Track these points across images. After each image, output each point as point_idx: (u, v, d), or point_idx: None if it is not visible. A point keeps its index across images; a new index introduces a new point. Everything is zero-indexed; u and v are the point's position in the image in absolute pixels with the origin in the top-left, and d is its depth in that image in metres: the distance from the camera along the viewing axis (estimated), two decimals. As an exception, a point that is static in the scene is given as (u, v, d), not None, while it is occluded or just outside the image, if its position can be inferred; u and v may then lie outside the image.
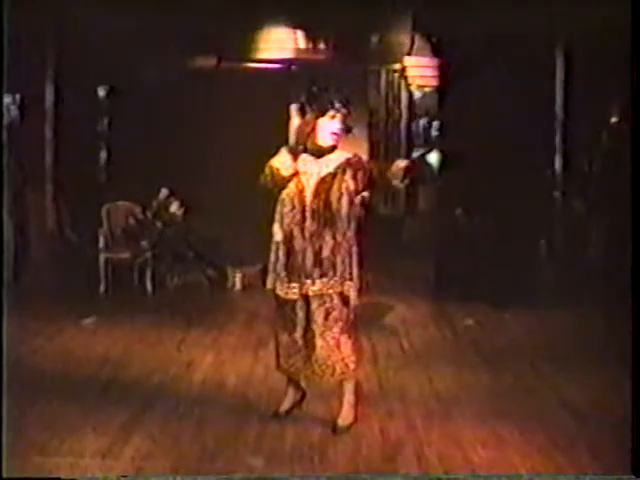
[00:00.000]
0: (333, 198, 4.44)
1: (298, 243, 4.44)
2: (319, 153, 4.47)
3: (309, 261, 4.43)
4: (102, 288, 8.89)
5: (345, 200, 4.46)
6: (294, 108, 4.51)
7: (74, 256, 9.21)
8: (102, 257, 8.97)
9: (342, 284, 4.44)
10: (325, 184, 4.45)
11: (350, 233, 4.49)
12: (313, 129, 4.44)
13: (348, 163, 4.48)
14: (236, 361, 5.99)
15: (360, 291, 4.51)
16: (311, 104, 4.43)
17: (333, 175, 4.46)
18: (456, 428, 4.59)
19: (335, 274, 4.43)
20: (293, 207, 4.44)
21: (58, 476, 3.85)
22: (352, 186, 4.47)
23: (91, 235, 9.20)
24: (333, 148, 4.49)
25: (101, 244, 9.06)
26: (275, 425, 4.61)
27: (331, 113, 4.42)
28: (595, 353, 6.25)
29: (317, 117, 4.43)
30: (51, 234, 9.58)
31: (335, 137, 4.45)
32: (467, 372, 5.81)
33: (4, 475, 3.80)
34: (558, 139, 9.88)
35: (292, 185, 4.45)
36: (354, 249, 4.50)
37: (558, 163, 9.87)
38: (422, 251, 9.47)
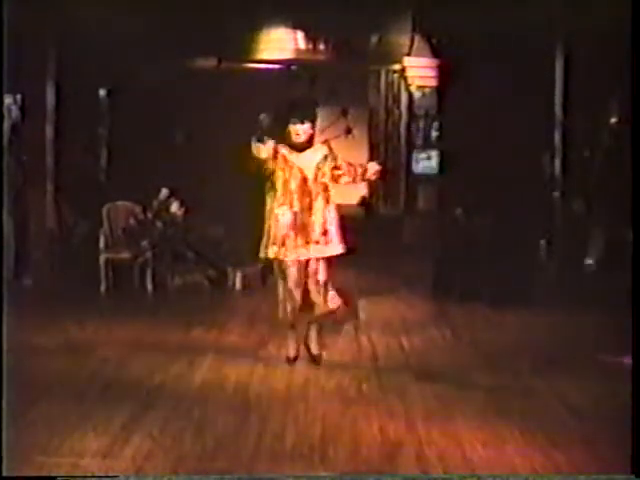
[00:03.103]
0: (328, 181, 5.96)
1: (306, 218, 5.84)
2: (299, 148, 5.89)
3: (318, 231, 5.86)
4: (102, 288, 8.89)
5: (333, 183, 6.00)
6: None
7: (74, 256, 9.21)
8: (102, 257, 8.97)
9: (336, 247, 5.94)
10: (320, 171, 5.92)
11: (335, 206, 6.01)
12: (288, 132, 5.88)
13: (329, 153, 5.98)
14: (236, 361, 6.00)
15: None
16: (280, 117, 5.89)
17: (323, 164, 5.94)
18: (456, 428, 4.59)
19: (333, 239, 5.91)
20: (302, 192, 5.85)
21: (59, 475, 3.86)
22: (332, 171, 5.97)
23: (91, 235, 9.21)
24: (310, 144, 5.94)
25: (101, 244, 9.06)
26: (275, 425, 4.62)
27: (294, 121, 5.85)
28: (595, 353, 6.25)
29: (287, 124, 5.88)
30: (51, 234, 9.58)
31: (297, 136, 5.87)
32: (467, 372, 5.82)
33: (4, 475, 3.81)
34: (558, 139, 9.88)
35: (296, 173, 5.86)
36: (338, 219, 5.99)
37: (558, 163, 9.87)
38: (422, 251, 9.48)
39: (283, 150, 5.88)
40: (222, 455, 4.19)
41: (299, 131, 5.86)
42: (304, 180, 5.87)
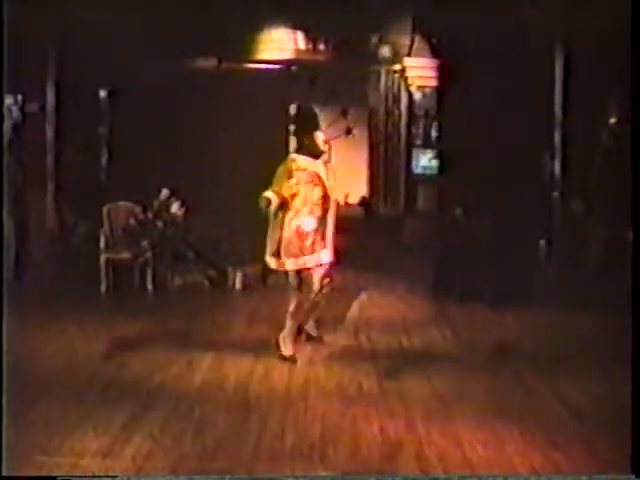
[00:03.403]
0: (335, 190, 6.18)
1: (323, 224, 6.01)
2: (318, 155, 6.11)
3: (330, 233, 6.06)
4: (103, 288, 8.89)
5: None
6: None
7: (74, 256, 9.22)
8: (103, 257, 8.97)
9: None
10: (329, 176, 6.10)
11: None
12: (314, 141, 6.10)
13: (326, 160, 6.21)
14: (236, 361, 6.00)
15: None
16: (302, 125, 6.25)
17: (328, 169, 6.14)
18: (456, 428, 4.59)
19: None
20: (323, 199, 5.98)
21: (59, 475, 3.86)
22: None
23: (92, 235, 9.21)
24: (322, 151, 6.14)
25: (102, 244, 9.06)
26: (275, 425, 4.63)
27: (321, 127, 6.27)
28: (595, 353, 6.26)
29: (312, 132, 6.13)
30: (51, 234, 9.58)
31: (323, 143, 6.13)
32: (467, 372, 5.82)
33: (4, 475, 3.81)
34: (558, 139, 9.87)
35: (317, 182, 5.96)
36: None
37: (558, 163, 9.87)
38: (422, 251, 9.48)
39: (301, 163, 5.99)
40: (222, 455, 4.20)
41: (324, 137, 6.17)
42: (324, 187, 6.03)
